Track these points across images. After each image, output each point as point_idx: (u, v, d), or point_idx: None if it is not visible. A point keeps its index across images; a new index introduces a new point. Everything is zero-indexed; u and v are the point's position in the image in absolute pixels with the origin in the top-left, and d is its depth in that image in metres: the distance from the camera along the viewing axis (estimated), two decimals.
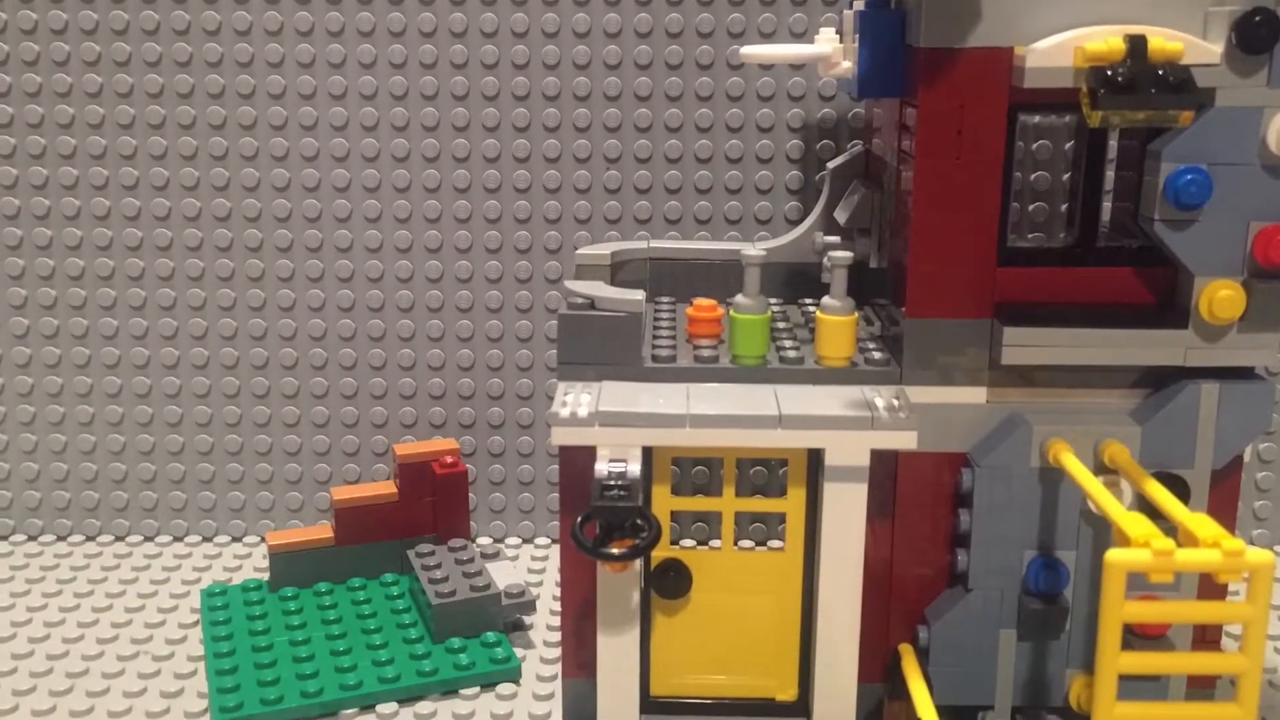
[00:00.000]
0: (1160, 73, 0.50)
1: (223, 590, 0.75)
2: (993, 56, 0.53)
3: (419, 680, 0.65)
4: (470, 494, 0.78)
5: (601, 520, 0.54)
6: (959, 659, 0.57)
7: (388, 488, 0.76)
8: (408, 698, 0.65)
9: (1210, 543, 0.45)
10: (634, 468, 0.54)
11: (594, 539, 0.54)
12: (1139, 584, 0.47)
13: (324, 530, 0.76)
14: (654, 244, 0.71)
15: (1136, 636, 0.55)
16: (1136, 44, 0.50)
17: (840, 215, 0.67)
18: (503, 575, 0.73)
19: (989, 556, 0.56)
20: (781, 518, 0.59)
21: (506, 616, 0.71)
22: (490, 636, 0.69)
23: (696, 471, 0.77)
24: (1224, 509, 0.56)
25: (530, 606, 0.72)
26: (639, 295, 0.59)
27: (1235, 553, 0.45)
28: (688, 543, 0.75)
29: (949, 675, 0.57)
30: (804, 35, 0.77)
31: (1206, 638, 0.58)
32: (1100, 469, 0.55)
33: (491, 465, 0.83)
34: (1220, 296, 0.54)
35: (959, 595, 0.57)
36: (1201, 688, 0.58)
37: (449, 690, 0.66)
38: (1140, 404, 0.56)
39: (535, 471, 0.84)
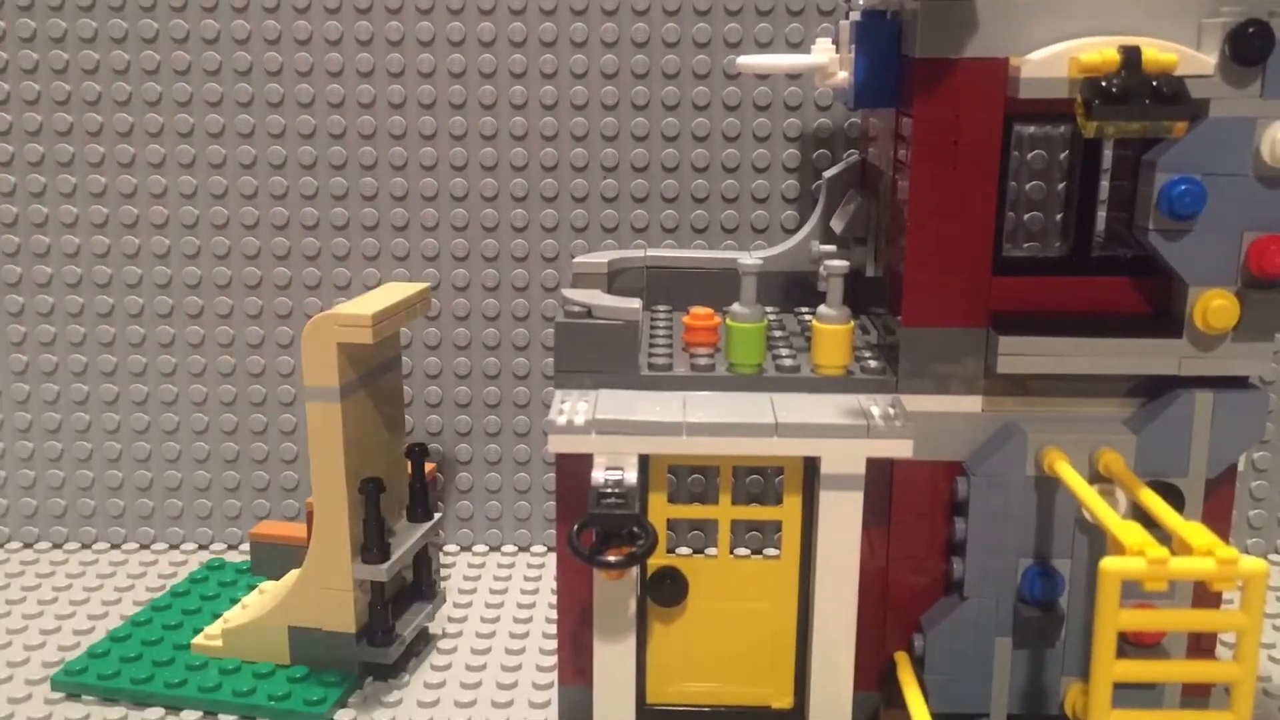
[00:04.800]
0: (1154, 84, 0.50)
1: (220, 565, 0.79)
2: (988, 67, 0.53)
3: (231, 699, 0.64)
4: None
5: (598, 528, 0.54)
6: (955, 667, 0.57)
7: None
8: (210, 710, 0.64)
9: (1204, 551, 0.45)
10: (631, 475, 0.54)
11: (591, 546, 0.54)
12: (1134, 592, 0.48)
13: (302, 529, 0.75)
14: (651, 253, 0.71)
15: (1131, 645, 0.55)
16: (1131, 55, 0.51)
17: (836, 224, 0.67)
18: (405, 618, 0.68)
19: (984, 565, 0.56)
20: (777, 526, 0.59)
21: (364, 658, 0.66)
22: (330, 675, 0.66)
23: (693, 479, 0.77)
24: (1218, 518, 0.56)
25: (385, 655, 0.65)
26: (636, 304, 0.59)
27: (1229, 561, 0.45)
28: (684, 550, 0.75)
29: (944, 683, 0.58)
30: (801, 45, 0.77)
31: (1201, 646, 0.58)
32: (1095, 478, 0.55)
33: (488, 473, 0.83)
34: (1214, 306, 0.54)
35: (954, 603, 0.57)
36: (1196, 695, 0.58)
37: (250, 714, 0.64)
38: (1135, 413, 0.56)
39: (532, 479, 0.84)
